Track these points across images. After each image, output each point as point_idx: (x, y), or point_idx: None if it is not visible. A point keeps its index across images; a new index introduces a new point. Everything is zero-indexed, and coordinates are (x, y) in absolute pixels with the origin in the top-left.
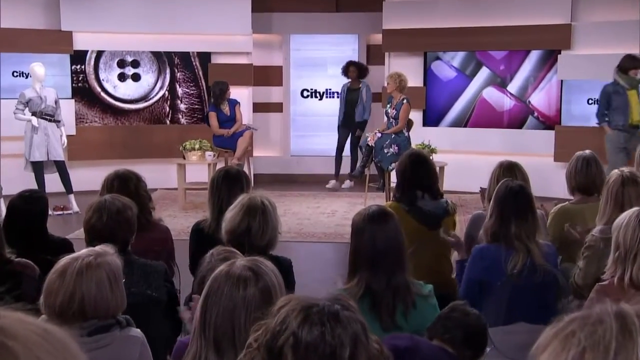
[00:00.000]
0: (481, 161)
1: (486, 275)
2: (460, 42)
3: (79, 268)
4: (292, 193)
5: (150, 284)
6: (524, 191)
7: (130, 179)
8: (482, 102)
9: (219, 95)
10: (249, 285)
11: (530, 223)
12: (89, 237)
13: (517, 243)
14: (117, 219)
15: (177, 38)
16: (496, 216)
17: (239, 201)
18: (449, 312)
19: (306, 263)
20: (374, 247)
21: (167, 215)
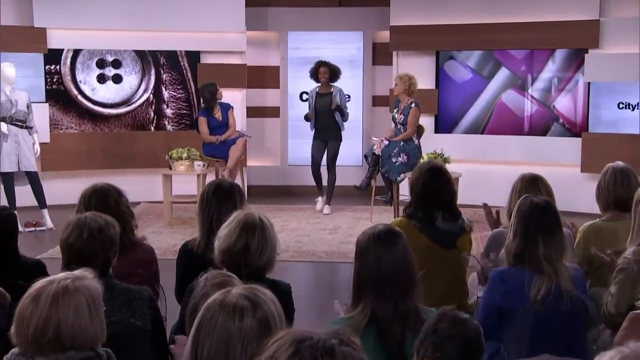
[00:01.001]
0: (499, 172)
1: (507, 302)
2: (477, 40)
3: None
4: (290, 207)
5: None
6: (551, 207)
7: (110, 194)
8: (501, 107)
9: (209, 99)
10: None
11: (559, 242)
12: (67, 258)
13: (546, 265)
14: (99, 237)
15: (163, 35)
16: (520, 235)
17: (234, 217)
18: (436, 325)
19: (306, 286)
20: (379, 270)
21: (151, 232)
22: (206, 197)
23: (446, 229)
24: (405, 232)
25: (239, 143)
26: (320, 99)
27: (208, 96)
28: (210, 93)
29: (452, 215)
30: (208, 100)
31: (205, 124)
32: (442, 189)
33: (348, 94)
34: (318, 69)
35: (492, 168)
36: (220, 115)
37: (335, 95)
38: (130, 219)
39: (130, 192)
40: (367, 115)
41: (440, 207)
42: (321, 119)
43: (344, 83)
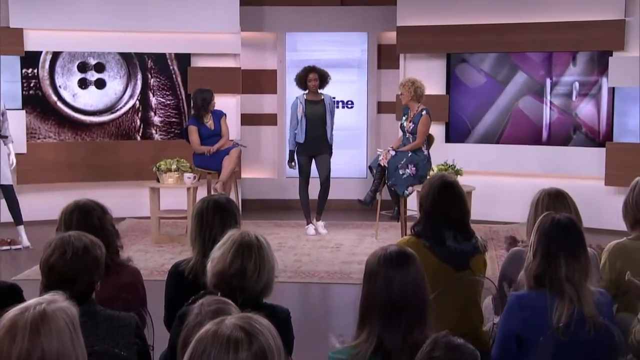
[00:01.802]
0: (516, 185)
1: (525, 330)
2: (491, 42)
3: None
4: (288, 222)
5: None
6: (574, 225)
7: (93, 211)
8: (518, 114)
9: (201, 107)
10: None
11: (583, 263)
12: (47, 280)
13: (568, 287)
14: (84, 258)
15: (150, 37)
16: (541, 255)
17: (228, 237)
18: (430, 353)
19: (306, 310)
20: (389, 296)
21: (136, 251)
22: (205, 215)
23: (458, 249)
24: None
25: (233, 154)
26: (311, 106)
27: (200, 103)
28: (204, 101)
29: (465, 234)
30: (199, 108)
31: (196, 132)
32: (454, 206)
33: (351, 100)
34: (307, 75)
35: (508, 181)
36: (212, 124)
37: (328, 104)
38: (115, 238)
39: (115, 207)
40: (371, 123)
41: (451, 225)
42: (312, 129)
43: (346, 88)
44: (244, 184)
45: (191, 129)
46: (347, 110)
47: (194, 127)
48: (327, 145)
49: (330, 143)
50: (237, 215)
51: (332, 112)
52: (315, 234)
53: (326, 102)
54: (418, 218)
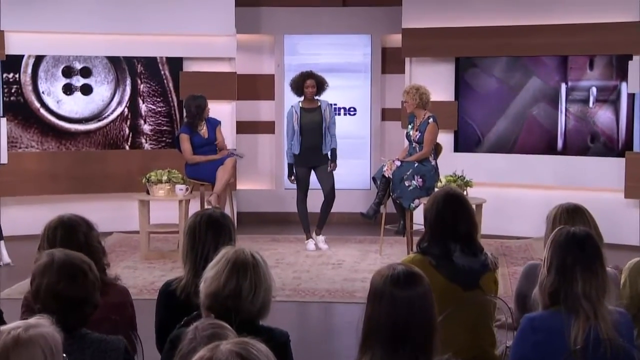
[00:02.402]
0: (529, 197)
1: (540, 354)
2: (503, 45)
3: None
4: (287, 237)
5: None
6: (591, 239)
7: (79, 227)
8: (531, 122)
9: (195, 114)
10: None
11: (600, 280)
12: (46, 306)
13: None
14: (92, 280)
15: (140, 40)
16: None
17: (222, 255)
18: None
19: (305, 332)
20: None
21: (125, 267)
22: (198, 231)
23: (466, 266)
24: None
25: (228, 164)
26: (307, 114)
27: (194, 111)
28: (198, 108)
29: (472, 249)
30: (194, 116)
31: (188, 141)
32: (460, 219)
33: (353, 107)
34: (304, 81)
35: (520, 193)
36: (206, 132)
37: (324, 111)
38: (102, 256)
39: (102, 221)
40: (375, 131)
41: (458, 239)
42: (307, 139)
43: (349, 94)
44: (240, 196)
45: (183, 138)
46: (349, 117)
47: (186, 135)
48: (325, 155)
49: (325, 152)
50: (232, 231)
51: (332, 119)
52: (315, 249)
53: (322, 108)
54: (423, 233)
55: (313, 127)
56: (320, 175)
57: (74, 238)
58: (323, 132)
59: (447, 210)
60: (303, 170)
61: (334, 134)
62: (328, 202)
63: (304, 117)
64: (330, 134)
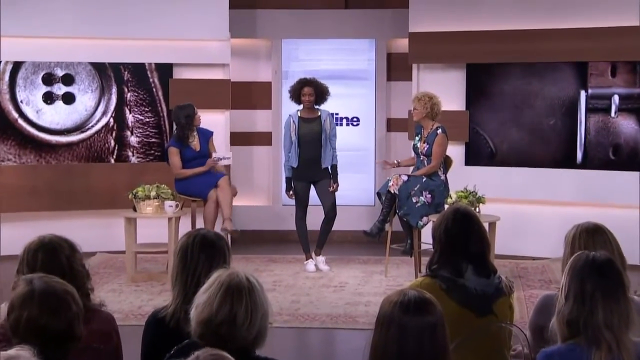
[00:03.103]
0: (547, 214)
1: None
2: (517, 50)
3: None
4: (285, 257)
5: None
6: (612, 265)
7: (61, 250)
8: (549, 133)
9: (185, 125)
10: None
11: (623, 308)
12: (25, 340)
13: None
14: (77, 312)
15: (127, 45)
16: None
17: (215, 279)
18: None
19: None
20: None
21: (109, 290)
22: (190, 253)
23: (479, 290)
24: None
25: (223, 184)
26: (305, 125)
27: (183, 121)
28: (187, 118)
29: (485, 271)
30: (183, 127)
31: (178, 155)
32: (471, 239)
33: (356, 117)
34: (301, 89)
35: (537, 210)
36: (198, 144)
37: (324, 121)
38: (86, 280)
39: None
40: (380, 142)
41: (469, 260)
42: (306, 151)
43: (351, 103)
44: (234, 213)
45: (172, 151)
46: (352, 128)
47: (175, 148)
48: (325, 169)
49: (325, 166)
50: (227, 254)
51: (332, 130)
52: (315, 270)
53: (322, 118)
54: (432, 255)
55: (312, 138)
56: (320, 191)
57: (56, 262)
58: (323, 143)
59: (458, 229)
60: (302, 185)
61: (334, 148)
62: (329, 219)
63: (302, 128)
64: (331, 147)
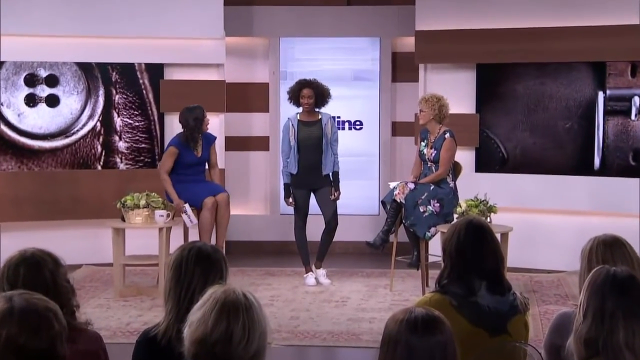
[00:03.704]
0: (563, 225)
1: None
2: (531, 50)
3: None
4: (283, 270)
5: None
6: (634, 281)
7: (44, 265)
8: (564, 137)
9: (194, 127)
10: None
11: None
12: None
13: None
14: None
15: (115, 44)
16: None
17: (209, 295)
18: None
19: None
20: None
21: (96, 306)
22: (185, 267)
23: (492, 307)
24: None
25: (223, 204)
26: (305, 129)
27: (193, 124)
28: (196, 121)
29: (499, 288)
30: (192, 130)
31: (173, 157)
32: (485, 253)
33: (359, 120)
34: (300, 90)
35: (552, 219)
36: (200, 151)
37: (325, 125)
38: (71, 296)
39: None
40: (385, 148)
41: (483, 276)
42: (305, 157)
43: (354, 105)
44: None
45: (169, 150)
46: (354, 132)
47: (175, 149)
48: (326, 175)
49: (326, 173)
50: (224, 269)
51: (334, 135)
52: (315, 284)
53: (323, 122)
54: (441, 269)
55: (312, 143)
56: (320, 199)
57: (39, 277)
58: (323, 149)
59: (470, 242)
60: (301, 193)
61: (336, 153)
62: (330, 229)
63: (302, 131)
64: (333, 152)
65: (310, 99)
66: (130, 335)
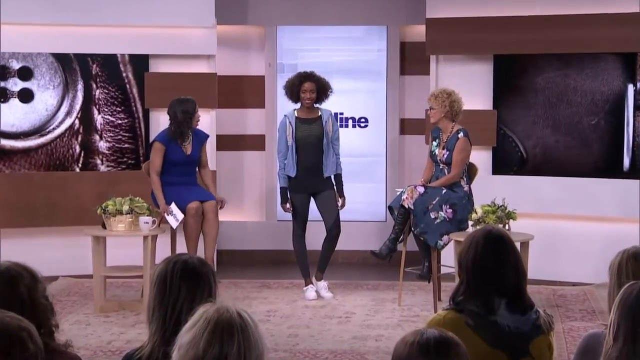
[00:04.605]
0: (589, 232)
1: None
2: (554, 40)
3: None
4: (280, 282)
5: None
6: None
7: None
8: (590, 135)
9: (183, 121)
10: None
11: None
12: None
13: None
14: (11, 355)
15: (96, 33)
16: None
17: (200, 315)
18: None
19: None
20: None
21: (74, 322)
22: (170, 283)
23: (512, 328)
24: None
25: (211, 214)
26: (304, 127)
27: (181, 117)
28: (185, 114)
29: (521, 306)
30: (180, 123)
31: (161, 154)
32: (506, 267)
33: (364, 117)
34: (300, 84)
35: (577, 226)
36: (190, 148)
37: (326, 122)
38: (50, 315)
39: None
40: (392, 147)
41: (503, 293)
42: (305, 158)
43: (358, 101)
44: (221, 230)
45: (155, 146)
46: (359, 130)
47: (161, 145)
48: (327, 178)
49: (328, 175)
50: (213, 284)
51: (335, 133)
52: (316, 298)
53: (324, 119)
54: (456, 285)
55: (311, 142)
56: (322, 204)
57: (14, 294)
58: (324, 149)
59: (489, 256)
60: (300, 198)
61: (338, 154)
62: (332, 237)
63: (301, 130)
64: (334, 153)
65: (312, 94)
66: (112, 355)
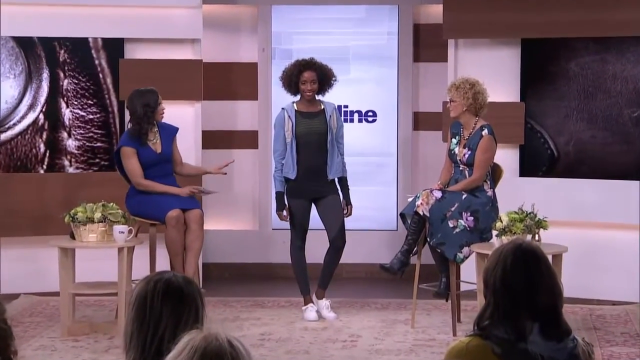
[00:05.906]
0: (630, 242)
1: None
2: (590, 21)
3: None
4: (276, 300)
5: None
6: None
7: None
8: (630, 131)
9: (143, 117)
10: None
11: None
12: None
13: None
14: None
15: (64, 13)
16: None
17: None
18: None
19: None
20: None
21: (38, 347)
22: (150, 305)
23: (546, 357)
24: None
25: (194, 225)
26: (306, 121)
27: (142, 112)
28: (146, 107)
29: (556, 332)
30: (140, 119)
31: (135, 157)
32: (539, 287)
33: (372, 110)
34: (300, 73)
35: (616, 236)
36: (159, 144)
37: (330, 117)
38: (9, 341)
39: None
40: (404, 145)
41: (535, 317)
42: (308, 157)
43: (366, 92)
44: (208, 240)
45: (125, 152)
46: (366, 125)
47: (130, 149)
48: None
49: (331, 178)
50: (201, 306)
51: (339, 129)
52: (317, 319)
53: (327, 113)
54: (482, 307)
55: (313, 139)
56: (324, 211)
57: None
58: (329, 147)
59: (520, 274)
60: (300, 204)
61: (343, 154)
62: (336, 249)
63: (301, 125)
64: (339, 153)
65: (314, 84)
66: None
